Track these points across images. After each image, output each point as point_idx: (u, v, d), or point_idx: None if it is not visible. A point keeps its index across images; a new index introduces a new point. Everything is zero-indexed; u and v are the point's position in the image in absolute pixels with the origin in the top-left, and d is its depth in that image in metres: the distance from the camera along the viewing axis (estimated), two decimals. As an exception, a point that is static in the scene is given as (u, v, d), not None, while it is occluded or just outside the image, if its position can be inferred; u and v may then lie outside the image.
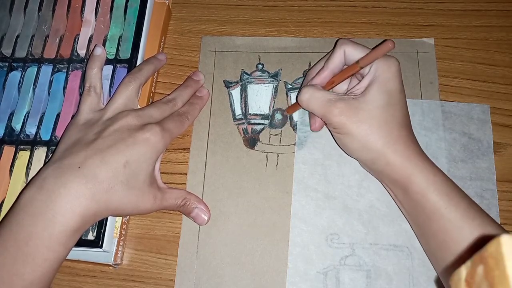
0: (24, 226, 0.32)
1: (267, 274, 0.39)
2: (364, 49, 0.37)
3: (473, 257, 0.19)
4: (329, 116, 0.36)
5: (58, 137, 0.41)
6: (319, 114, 0.37)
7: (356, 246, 0.39)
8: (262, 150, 0.43)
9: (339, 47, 0.38)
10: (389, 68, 0.36)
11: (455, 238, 0.33)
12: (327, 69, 0.38)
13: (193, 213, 0.39)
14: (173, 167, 0.43)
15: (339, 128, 0.36)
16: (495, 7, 0.47)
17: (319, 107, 0.36)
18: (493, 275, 0.17)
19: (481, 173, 0.41)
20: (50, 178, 0.33)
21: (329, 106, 0.36)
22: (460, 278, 0.19)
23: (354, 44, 0.37)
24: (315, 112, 0.37)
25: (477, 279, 0.18)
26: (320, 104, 0.36)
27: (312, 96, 0.37)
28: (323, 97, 0.36)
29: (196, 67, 0.46)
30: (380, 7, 0.48)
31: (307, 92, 0.37)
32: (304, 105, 0.38)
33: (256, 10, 0.49)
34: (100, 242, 0.37)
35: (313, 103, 0.37)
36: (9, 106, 0.43)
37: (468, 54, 0.46)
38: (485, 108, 0.43)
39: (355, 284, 0.38)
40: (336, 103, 0.36)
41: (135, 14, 0.45)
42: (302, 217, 0.40)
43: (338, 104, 0.36)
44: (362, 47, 0.37)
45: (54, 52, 0.44)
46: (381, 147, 0.35)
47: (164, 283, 0.39)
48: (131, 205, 0.35)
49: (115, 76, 0.43)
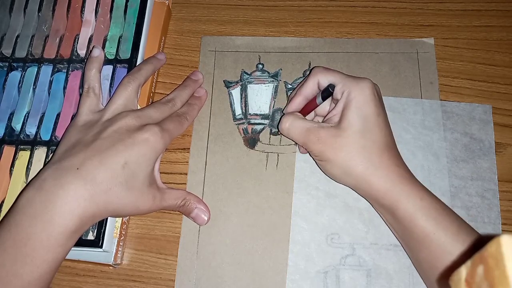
0: (23, 227, 0.32)
1: (267, 274, 0.39)
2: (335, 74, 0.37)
3: (473, 257, 0.19)
4: (309, 144, 0.37)
5: (58, 137, 0.41)
6: (299, 142, 0.38)
7: (357, 245, 0.39)
8: (262, 150, 0.43)
9: (312, 75, 0.38)
10: (362, 92, 0.36)
11: (447, 264, 0.33)
12: (300, 95, 0.39)
13: (193, 213, 0.39)
14: (173, 167, 0.43)
15: (319, 155, 0.37)
16: (495, 7, 0.47)
17: (299, 135, 0.37)
18: (493, 275, 0.17)
19: (483, 173, 0.41)
20: (49, 179, 0.33)
21: (308, 135, 0.36)
22: (460, 278, 0.19)
23: (326, 71, 0.38)
24: (296, 140, 0.38)
25: (477, 279, 0.18)
26: (300, 132, 0.37)
27: (291, 125, 0.37)
28: (302, 126, 0.37)
29: (196, 67, 0.46)
30: (380, 7, 0.48)
31: (287, 121, 0.38)
32: (285, 133, 0.38)
33: (256, 10, 0.49)
34: (100, 242, 0.37)
35: (292, 131, 0.38)
36: (9, 106, 0.43)
37: (468, 54, 0.46)
38: (487, 108, 0.43)
39: (355, 283, 0.38)
40: (314, 131, 0.36)
41: (135, 14, 0.45)
42: (303, 215, 0.40)
43: (317, 133, 0.36)
44: (333, 73, 0.37)
45: (54, 52, 0.44)
46: (362, 173, 0.35)
47: (164, 283, 0.39)
48: (131, 206, 0.35)
49: (115, 76, 0.43)
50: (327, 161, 0.36)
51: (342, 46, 0.46)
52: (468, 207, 0.40)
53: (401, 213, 0.34)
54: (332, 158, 0.36)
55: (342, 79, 0.37)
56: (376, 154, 0.35)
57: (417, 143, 0.42)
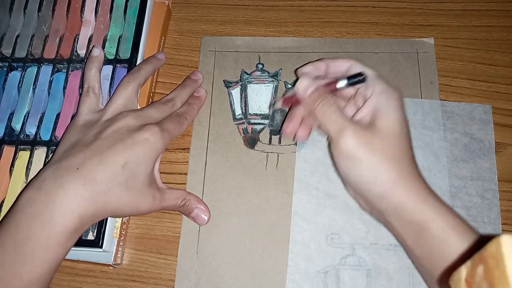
0: (23, 227, 0.32)
1: (267, 274, 0.39)
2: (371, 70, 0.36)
3: (473, 257, 0.19)
4: (341, 140, 0.33)
5: (58, 137, 0.41)
6: (331, 133, 0.34)
7: (357, 245, 0.39)
8: (262, 150, 0.43)
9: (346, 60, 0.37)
10: (398, 97, 0.34)
11: None
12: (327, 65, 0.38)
13: (193, 213, 0.39)
14: (173, 167, 0.43)
15: (349, 154, 0.33)
16: (495, 7, 0.47)
17: (335, 125, 0.34)
18: (493, 275, 0.17)
19: (483, 173, 0.41)
20: (48, 179, 0.33)
21: (343, 128, 0.33)
22: (460, 278, 0.19)
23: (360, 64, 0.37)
24: (327, 129, 0.35)
25: (477, 279, 0.18)
26: (336, 122, 0.34)
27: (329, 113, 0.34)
28: (339, 118, 0.34)
29: (196, 67, 0.46)
30: (380, 7, 0.48)
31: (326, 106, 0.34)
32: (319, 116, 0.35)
33: (256, 10, 0.49)
34: (100, 242, 0.37)
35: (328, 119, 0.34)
36: (9, 106, 0.43)
37: (468, 54, 0.46)
38: (487, 108, 0.43)
39: (355, 283, 0.38)
40: (351, 126, 0.33)
41: (135, 14, 0.45)
42: (303, 215, 0.40)
43: (353, 127, 0.33)
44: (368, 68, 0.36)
45: (54, 52, 0.44)
46: (393, 181, 0.32)
47: (164, 283, 0.39)
48: (130, 206, 0.35)
49: (115, 76, 0.43)
50: (358, 160, 0.33)
51: (342, 46, 0.46)
52: (468, 207, 0.40)
53: (433, 231, 0.31)
54: (365, 158, 0.32)
55: (376, 76, 0.35)
56: (408, 165, 0.33)
57: (417, 143, 0.42)
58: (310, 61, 0.41)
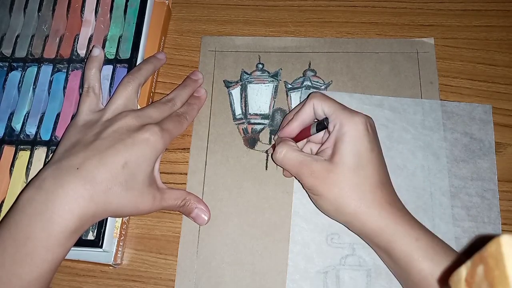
0: (23, 227, 0.32)
1: (267, 274, 0.39)
2: (330, 105, 0.36)
3: (473, 257, 0.19)
4: (302, 177, 0.36)
5: (58, 137, 0.41)
6: (292, 173, 0.37)
7: (357, 245, 0.39)
8: (262, 150, 0.43)
9: (309, 100, 0.37)
10: (355, 126, 0.35)
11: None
12: (296, 120, 0.38)
13: (193, 213, 0.39)
14: (173, 167, 0.43)
15: (311, 189, 0.36)
16: (495, 7, 0.47)
17: (292, 167, 0.36)
18: (493, 275, 0.17)
19: (482, 173, 0.41)
20: (48, 179, 0.33)
21: (301, 168, 0.36)
22: (460, 278, 0.19)
23: (322, 99, 0.37)
24: (289, 171, 0.37)
25: (477, 279, 0.18)
26: (293, 164, 0.36)
27: (285, 156, 0.36)
28: (296, 158, 0.36)
29: (196, 67, 0.46)
30: (380, 7, 0.48)
31: (282, 152, 0.37)
32: (279, 163, 0.37)
33: (256, 10, 0.49)
34: (100, 242, 0.37)
35: (286, 163, 0.37)
36: (9, 106, 0.43)
37: (468, 54, 0.46)
38: (487, 108, 0.43)
39: (355, 283, 0.38)
40: (308, 164, 0.35)
41: (135, 14, 0.45)
42: (303, 215, 0.40)
43: (310, 166, 0.35)
44: (329, 103, 0.36)
45: (54, 52, 0.44)
46: (354, 211, 0.34)
47: (164, 283, 0.39)
48: (130, 206, 0.35)
49: (115, 76, 0.43)
50: (319, 196, 0.35)
51: (342, 46, 0.46)
52: (468, 207, 0.40)
53: (397, 253, 0.33)
54: (324, 193, 0.35)
55: (336, 110, 0.36)
56: (369, 192, 0.34)
57: (417, 143, 0.42)
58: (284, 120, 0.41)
